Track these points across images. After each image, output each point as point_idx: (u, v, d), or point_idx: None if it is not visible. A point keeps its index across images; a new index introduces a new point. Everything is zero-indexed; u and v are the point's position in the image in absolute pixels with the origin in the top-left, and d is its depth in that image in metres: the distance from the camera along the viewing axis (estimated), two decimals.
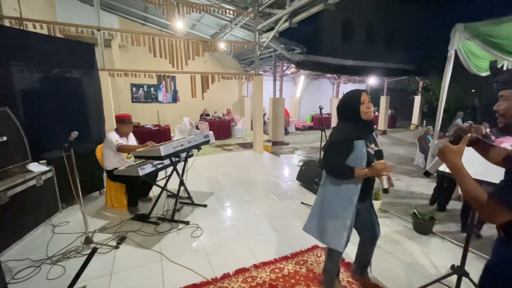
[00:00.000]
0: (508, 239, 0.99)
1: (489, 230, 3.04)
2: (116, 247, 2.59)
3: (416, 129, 13.02)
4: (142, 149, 2.89)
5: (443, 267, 2.30)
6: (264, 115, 11.09)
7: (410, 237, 2.82)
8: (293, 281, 2.14)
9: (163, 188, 3.22)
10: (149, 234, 2.85)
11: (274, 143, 8.82)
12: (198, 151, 3.43)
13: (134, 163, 3.30)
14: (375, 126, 10.47)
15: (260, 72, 9.25)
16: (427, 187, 4.68)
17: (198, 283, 2.11)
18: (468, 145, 1.10)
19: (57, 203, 3.25)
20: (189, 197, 3.61)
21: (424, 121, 13.02)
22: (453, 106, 13.22)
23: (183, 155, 3.36)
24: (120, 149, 3.14)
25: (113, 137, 3.19)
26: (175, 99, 10.25)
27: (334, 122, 11.02)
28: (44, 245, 2.61)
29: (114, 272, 2.26)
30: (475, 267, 2.31)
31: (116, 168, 3.12)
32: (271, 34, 6.34)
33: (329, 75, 14.15)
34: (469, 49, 4.83)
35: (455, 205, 3.77)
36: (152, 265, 2.35)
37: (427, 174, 1.20)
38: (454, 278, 2.00)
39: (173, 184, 3.44)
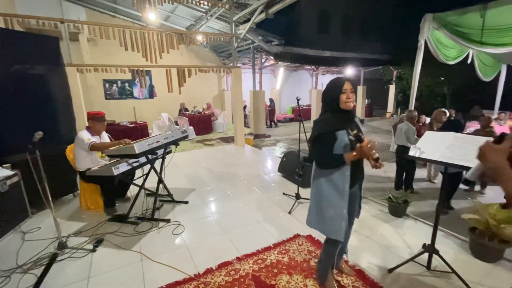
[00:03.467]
0: None
1: (456, 206, 3.25)
2: (93, 250, 2.49)
3: (392, 117, 13.54)
4: (115, 147, 2.76)
5: (416, 247, 2.43)
6: (245, 108, 11.05)
7: (386, 220, 2.96)
8: (275, 270, 2.17)
9: (141, 187, 3.13)
10: (128, 234, 2.76)
11: (256, 136, 8.83)
12: (176, 147, 3.35)
13: (109, 163, 3.16)
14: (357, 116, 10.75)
15: (239, 65, 9.14)
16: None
17: (180, 280, 2.09)
18: None
19: (26, 208, 3.06)
20: (169, 195, 3.54)
21: (399, 109, 13.56)
22: (425, 94, 13.88)
23: (161, 152, 3.26)
24: (93, 147, 2.99)
25: (84, 136, 3.03)
26: (151, 94, 9.91)
27: (314, 113, 11.18)
28: (14, 254, 2.45)
29: (92, 276, 2.18)
30: (445, 244, 2.47)
31: (89, 169, 2.98)
32: (247, 25, 6.25)
33: (308, 67, 14.26)
34: (437, 39, 5.03)
35: (425, 185, 3.99)
36: (132, 266, 2.29)
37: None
38: (426, 256, 2.12)
39: (152, 182, 3.35)
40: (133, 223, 2.96)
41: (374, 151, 1.48)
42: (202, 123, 9.22)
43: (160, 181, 3.23)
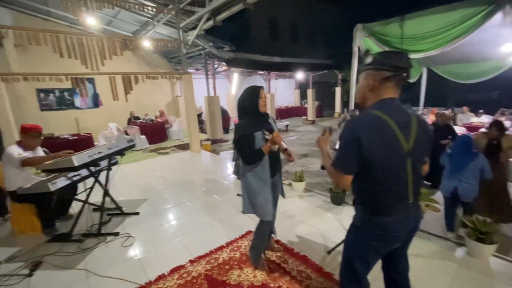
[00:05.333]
0: (354, 208, 1.31)
1: None
2: (29, 275, 2.29)
3: (339, 117, 14.72)
4: (51, 161, 2.58)
5: None
6: (201, 114, 10.97)
7: (328, 209, 3.28)
8: (227, 267, 2.27)
9: (85, 202, 2.95)
10: (71, 253, 2.60)
11: (214, 141, 8.82)
12: (122, 157, 3.23)
13: (45, 179, 2.92)
14: (304, 117, 11.33)
15: (192, 70, 9.12)
16: None
17: None
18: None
19: None
20: (118, 207, 3.39)
21: (345, 110, 14.81)
22: None
23: (105, 163, 3.13)
24: (26, 163, 2.72)
25: (14, 151, 2.75)
26: (96, 103, 9.22)
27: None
28: None
29: None
30: None
31: (21, 187, 2.72)
32: (195, 32, 6.29)
33: (261, 72, 14.75)
34: (368, 45, 5.69)
35: None
36: (77, 285, 2.17)
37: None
38: None
39: (99, 196, 3.18)
40: (77, 240, 2.79)
41: (282, 142, 1.86)
42: (156, 132, 8.89)
43: (106, 193, 3.09)
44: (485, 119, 7.26)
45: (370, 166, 1.11)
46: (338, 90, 15.23)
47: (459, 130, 5.84)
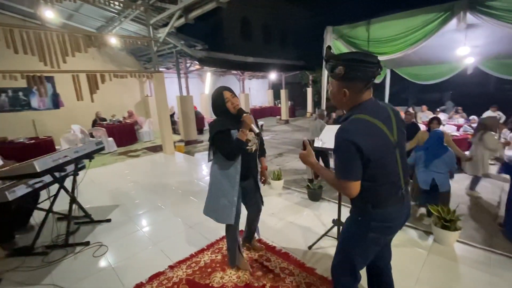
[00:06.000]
0: (352, 204, 1.36)
1: None
2: None
3: (311, 116, 15.17)
4: (8, 167, 2.32)
5: (330, 223, 2.85)
6: (174, 114, 10.61)
7: (306, 206, 3.36)
8: (209, 270, 2.22)
9: (49, 211, 2.70)
10: (35, 267, 2.36)
11: (188, 142, 8.59)
12: (90, 161, 3.01)
13: (2, 187, 2.62)
14: (278, 117, 11.43)
15: (162, 69, 8.77)
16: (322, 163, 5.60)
17: None
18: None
19: None
20: (87, 215, 3.16)
21: (316, 109, 15.30)
22: None
23: (72, 168, 2.89)
24: None
25: None
26: (56, 104, 8.49)
27: None
28: None
29: None
30: None
31: None
32: (166, 29, 6.07)
33: (234, 72, 14.68)
34: (338, 48, 5.92)
35: None
36: None
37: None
38: (335, 229, 2.53)
39: (64, 204, 2.93)
40: (42, 253, 2.54)
41: (253, 126, 1.83)
42: (124, 133, 8.42)
43: (73, 201, 2.86)
44: (442, 116, 7.93)
45: (369, 166, 1.15)
46: (309, 91, 15.69)
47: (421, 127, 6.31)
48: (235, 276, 2.13)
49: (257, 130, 1.87)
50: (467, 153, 3.77)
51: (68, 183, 2.89)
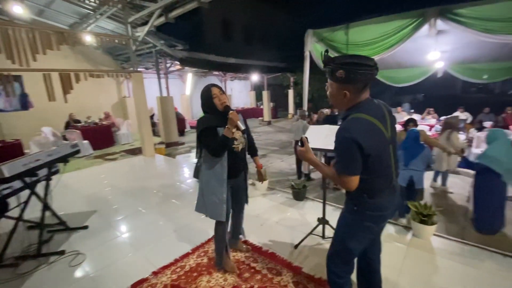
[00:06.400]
0: (347, 195, 1.43)
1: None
2: None
3: (293, 117, 15.40)
4: None
5: (315, 222, 2.89)
6: (153, 115, 10.30)
7: (291, 205, 3.40)
8: (195, 274, 2.17)
9: (18, 219, 2.51)
10: (6, 280, 2.18)
11: (168, 144, 8.38)
12: (65, 164, 2.84)
13: None
14: (260, 118, 11.46)
15: (141, 69, 8.50)
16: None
17: None
18: None
19: None
20: (61, 222, 2.97)
21: (298, 110, 15.55)
22: (315, 96, 16.43)
23: (44, 172, 2.70)
24: None
25: None
26: (25, 105, 7.91)
27: None
28: None
29: None
30: (335, 216, 3.03)
31: None
32: (146, 28, 5.90)
33: (216, 73, 14.57)
34: (318, 50, 6.05)
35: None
36: None
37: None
38: (320, 227, 2.57)
39: (37, 211, 2.73)
40: (12, 265, 2.35)
41: (239, 123, 1.82)
42: (101, 136, 8.05)
43: (46, 207, 2.68)
44: (415, 117, 8.36)
45: (368, 161, 1.22)
46: (291, 92, 15.93)
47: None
48: (222, 279, 2.10)
49: (242, 127, 1.87)
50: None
51: (40, 188, 2.70)
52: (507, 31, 3.49)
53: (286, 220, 3.04)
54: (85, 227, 3.05)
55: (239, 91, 18.14)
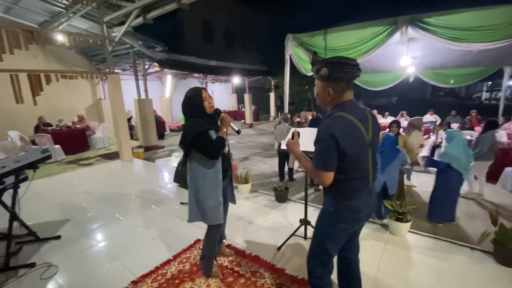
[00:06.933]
0: (324, 196, 1.48)
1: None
2: None
3: (275, 120, 15.55)
4: None
5: (297, 223, 2.93)
6: (131, 118, 9.95)
7: (273, 207, 3.42)
8: (177, 281, 2.12)
9: None
10: None
11: (147, 148, 8.13)
12: (34, 171, 2.66)
13: None
14: (242, 120, 11.44)
15: (118, 71, 8.17)
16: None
17: None
18: None
19: None
20: (31, 233, 2.77)
21: (279, 113, 15.74)
22: (296, 99, 16.73)
23: (11, 180, 2.52)
24: None
25: None
26: None
27: None
28: None
29: None
30: (316, 216, 3.10)
31: None
32: (123, 28, 5.71)
33: (197, 75, 14.40)
34: (298, 54, 6.17)
35: (301, 174, 4.84)
36: None
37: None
38: (303, 228, 2.61)
39: (3, 221, 2.53)
40: None
41: (233, 124, 1.88)
42: (74, 140, 7.64)
43: (14, 217, 2.49)
44: (390, 120, 8.76)
45: (345, 160, 1.26)
46: (272, 95, 16.09)
47: None
48: (205, 285, 2.06)
49: (236, 128, 1.91)
50: None
51: (7, 197, 2.52)
52: (470, 40, 3.78)
53: (269, 222, 3.06)
54: (58, 237, 2.87)
55: (221, 94, 18.04)
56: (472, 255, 2.37)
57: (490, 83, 22.96)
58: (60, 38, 5.33)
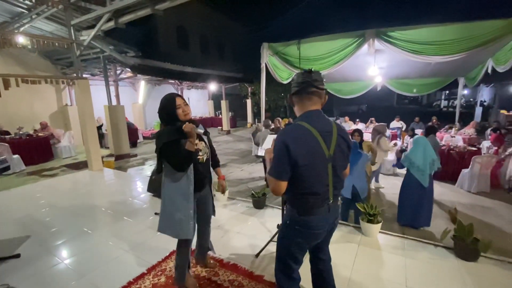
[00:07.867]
0: (286, 204, 1.44)
1: None
2: None
3: (252, 127, 15.66)
4: None
5: (275, 229, 2.95)
6: (101, 126, 9.46)
7: (251, 214, 3.42)
8: None
9: None
10: None
11: (119, 157, 7.76)
12: None
13: None
14: (219, 127, 11.36)
15: (87, 76, 7.76)
16: (263, 172, 5.78)
17: None
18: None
19: None
20: None
21: (256, 120, 15.89)
22: (272, 106, 17.02)
23: None
24: None
25: None
26: None
27: None
28: None
29: None
30: None
31: None
32: (92, 32, 5.47)
33: (172, 81, 14.12)
34: (273, 63, 6.31)
35: None
36: None
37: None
38: None
39: None
40: None
41: (196, 129, 1.73)
42: (36, 149, 7.08)
43: None
44: (361, 126, 9.23)
45: (297, 171, 1.23)
46: (249, 102, 16.23)
47: None
48: None
49: (202, 131, 1.82)
50: None
51: None
52: (428, 53, 4.15)
53: (247, 229, 3.05)
54: (17, 256, 2.61)
55: (197, 100, 17.83)
56: (435, 252, 2.54)
57: (447, 92, 25.18)
58: (21, 40, 4.97)
